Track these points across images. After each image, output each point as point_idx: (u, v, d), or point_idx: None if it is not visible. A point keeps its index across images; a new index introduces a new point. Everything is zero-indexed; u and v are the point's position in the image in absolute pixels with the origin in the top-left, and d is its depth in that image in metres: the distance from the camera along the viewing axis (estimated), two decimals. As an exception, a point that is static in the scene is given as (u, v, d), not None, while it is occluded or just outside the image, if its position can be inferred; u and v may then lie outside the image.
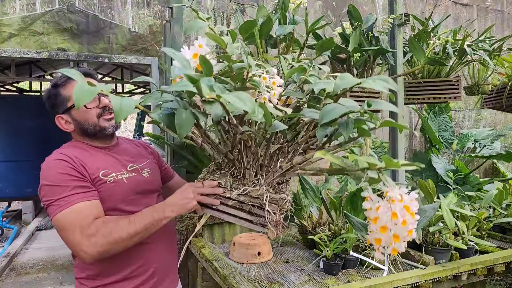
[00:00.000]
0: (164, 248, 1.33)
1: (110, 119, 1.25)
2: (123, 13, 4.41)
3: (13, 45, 3.49)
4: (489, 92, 2.61)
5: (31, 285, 3.65)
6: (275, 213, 1.03)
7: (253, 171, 1.09)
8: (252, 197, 1.05)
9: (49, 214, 1.10)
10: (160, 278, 1.30)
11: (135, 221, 1.09)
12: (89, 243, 1.04)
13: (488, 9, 5.13)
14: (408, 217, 0.84)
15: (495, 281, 3.28)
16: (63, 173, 1.11)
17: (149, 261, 1.25)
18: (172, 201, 1.12)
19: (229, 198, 1.08)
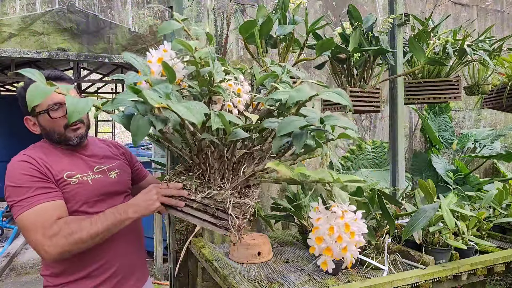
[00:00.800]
0: (128, 247, 1.34)
1: (76, 129, 1.25)
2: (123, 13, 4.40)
3: (13, 45, 3.49)
4: (489, 92, 2.61)
5: (31, 285, 3.65)
6: (238, 217, 1.04)
7: (218, 175, 1.10)
8: (216, 201, 1.06)
9: (13, 215, 1.11)
10: (124, 277, 1.30)
11: (96, 222, 1.10)
12: (51, 243, 1.05)
13: (488, 9, 5.13)
14: (345, 236, 0.86)
15: (495, 281, 3.28)
16: (26, 174, 1.13)
17: (111, 260, 1.26)
18: (135, 202, 1.12)
19: (194, 200, 1.09)
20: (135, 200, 1.13)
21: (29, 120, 1.25)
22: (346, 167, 4.30)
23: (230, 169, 1.11)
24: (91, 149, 1.35)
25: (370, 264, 1.63)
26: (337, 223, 0.87)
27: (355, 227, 0.87)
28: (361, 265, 1.67)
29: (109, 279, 1.26)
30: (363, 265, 1.66)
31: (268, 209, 2.61)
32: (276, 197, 2.57)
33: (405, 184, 2.41)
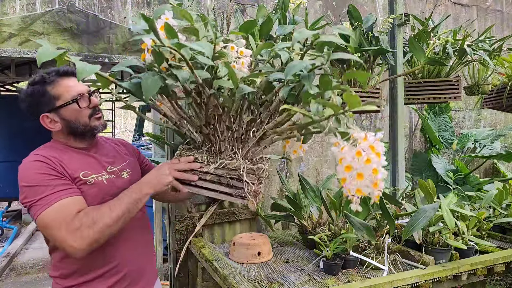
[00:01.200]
0: (139, 249, 1.33)
1: (99, 118, 1.26)
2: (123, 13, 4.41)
3: (13, 45, 3.49)
4: (489, 92, 2.61)
5: (31, 285, 3.65)
6: (253, 183, 1.04)
7: (229, 145, 1.10)
8: (229, 170, 1.06)
9: (32, 215, 1.09)
10: (134, 280, 1.29)
11: (115, 206, 1.09)
12: (76, 237, 1.04)
13: (488, 9, 5.13)
14: (373, 156, 0.87)
15: (495, 281, 3.28)
16: (42, 173, 1.11)
17: (122, 262, 1.25)
18: (148, 179, 1.13)
19: (207, 172, 1.08)
20: (147, 177, 1.13)
21: (46, 118, 1.21)
22: (346, 167, 4.29)
23: (239, 136, 1.10)
24: (100, 148, 1.34)
25: (370, 264, 1.63)
26: (362, 146, 0.88)
27: (380, 148, 0.88)
28: (361, 265, 1.67)
29: (119, 282, 1.24)
30: (363, 265, 1.66)
31: (268, 209, 2.61)
32: (276, 197, 2.57)
33: (405, 184, 2.41)
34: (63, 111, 1.20)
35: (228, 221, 2.35)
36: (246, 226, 2.41)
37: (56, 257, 1.23)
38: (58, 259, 1.22)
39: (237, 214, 2.36)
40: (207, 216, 2.23)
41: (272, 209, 2.24)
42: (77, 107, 1.20)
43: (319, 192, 2.06)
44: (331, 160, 4.90)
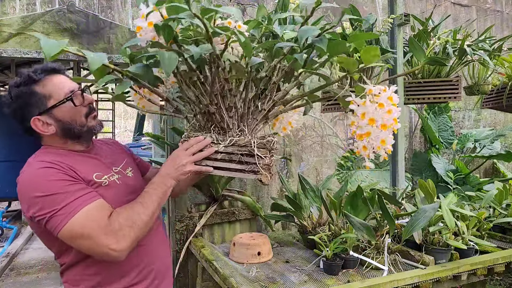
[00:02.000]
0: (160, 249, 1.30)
1: (95, 117, 1.18)
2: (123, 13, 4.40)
3: (13, 45, 3.49)
4: (489, 92, 2.61)
5: (31, 285, 3.64)
6: (265, 156, 1.04)
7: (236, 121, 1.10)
8: (240, 146, 1.06)
9: (54, 228, 0.98)
10: (160, 279, 1.26)
11: (146, 203, 1.06)
12: (117, 239, 0.98)
13: (488, 10, 5.13)
14: (393, 107, 0.96)
15: (495, 281, 3.28)
16: (56, 179, 1.01)
17: (149, 264, 1.21)
18: (168, 171, 1.09)
19: (217, 151, 1.08)
20: (166, 169, 1.09)
21: (37, 121, 1.09)
22: (346, 167, 4.30)
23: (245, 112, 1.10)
24: (99, 149, 1.26)
25: (370, 264, 1.63)
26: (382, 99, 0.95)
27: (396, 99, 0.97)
28: (361, 265, 1.67)
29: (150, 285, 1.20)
30: (363, 265, 1.66)
31: (268, 209, 2.61)
32: (276, 197, 2.57)
33: (405, 184, 2.41)
34: (57, 112, 1.09)
35: (228, 221, 2.35)
36: (246, 226, 2.41)
37: (74, 272, 1.13)
38: (77, 273, 1.12)
39: (237, 214, 2.36)
40: (207, 216, 2.23)
41: (272, 209, 2.24)
42: (72, 106, 1.09)
43: (319, 192, 2.06)
44: (331, 160, 4.90)
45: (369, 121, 0.97)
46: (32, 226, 1.09)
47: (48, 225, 0.99)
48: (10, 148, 5.16)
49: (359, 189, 1.84)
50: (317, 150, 4.85)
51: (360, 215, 1.83)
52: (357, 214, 1.81)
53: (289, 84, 1.12)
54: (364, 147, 1.01)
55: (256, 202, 2.44)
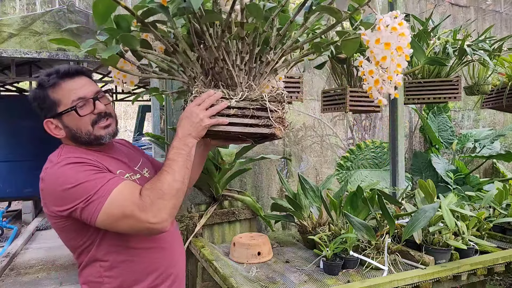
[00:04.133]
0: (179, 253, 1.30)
1: (106, 126, 1.13)
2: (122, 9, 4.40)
3: (13, 45, 3.49)
4: (489, 92, 2.61)
5: (31, 285, 3.65)
6: (277, 109, 1.04)
7: (245, 76, 1.10)
8: (251, 101, 1.05)
9: (91, 215, 0.98)
10: (179, 282, 1.26)
11: (174, 169, 1.03)
12: (153, 213, 0.98)
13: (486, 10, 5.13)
14: (406, 30, 0.99)
15: (495, 281, 3.28)
16: (84, 170, 1.02)
17: (169, 267, 1.20)
18: (186, 131, 1.05)
19: (230, 107, 1.06)
20: (183, 130, 1.05)
21: (50, 123, 1.10)
22: (345, 167, 4.30)
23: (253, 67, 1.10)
24: (115, 150, 1.25)
25: (370, 264, 1.63)
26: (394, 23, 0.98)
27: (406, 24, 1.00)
28: (361, 265, 1.67)
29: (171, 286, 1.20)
30: (363, 265, 1.66)
31: (268, 209, 2.61)
32: (276, 197, 2.57)
33: (405, 184, 2.41)
34: (65, 118, 1.09)
35: (228, 221, 2.35)
36: (246, 226, 2.41)
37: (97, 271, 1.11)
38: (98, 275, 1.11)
39: (237, 214, 2.36)
40: (207, 216, 2.23)
41: (272, 209, 2.24)
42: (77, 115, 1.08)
43: (319, 192, 2.06)
44: (331, 160, 4.90)
45: (384, 45, 0.98)
46: (56, 224, 1.08)
47: (84, 214, 0.99)
48: (10, 148, 5.16)
49: (359, 189, 1.84)
50: (317, 150, 4.85)
51: (360, 215, 1.83)
52: (357, 214, 1.81)
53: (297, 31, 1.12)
54: (376, 81, 1.02)
55: (256, 202, 2.44)
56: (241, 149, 2.32)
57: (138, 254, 1.13)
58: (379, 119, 5.00)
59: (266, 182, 2.99)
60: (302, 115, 4.78)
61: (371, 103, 2.19)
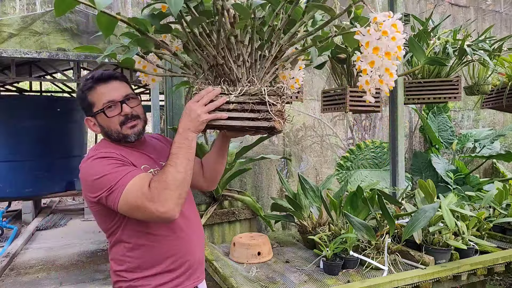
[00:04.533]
0: (198, 244, 1.37)
1: (132, 127, 1.26)
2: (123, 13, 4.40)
3: (13, 45, 3.49)
4: (489, 92, 2.61)
5: (31, 285, 3.65)
6: (277, 103, 1.05)
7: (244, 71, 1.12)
8: (250, 95, 1.08)
9: (113, 203, 1.12)
10: (194, 269, 1.34)
11: (175, 162, 1.11)
12: (161, 203, 1.08)
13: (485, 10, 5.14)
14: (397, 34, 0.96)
15: (495, 281, 3.28)
16: (109, 164, 1.17)
17: (186, 254, 1.30)
18: (185, 125, 1.13)
19: (229, 102, 1.10)
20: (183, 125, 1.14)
21: (89, 121, 1.28)
22: (345, 167, 4.30)
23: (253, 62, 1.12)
24: (147, 145, 1.37)
25: (370, 264, 1.63)
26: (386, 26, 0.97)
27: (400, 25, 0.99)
28: (361, 265, 1.67)
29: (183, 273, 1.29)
30: (363, 265, 1.66)
31: (268, 209, 2.61)
32: (276, 197, 2.57)
33: (405, 184, 2.41)
34: (98, 118, 1.25)
35: (228, 221, 2.35)
36: (246, 226, 2.42)
37: (121, 252, 1.26)
38: (123, 254, 1.25)
39: (237, 214, 2.36)
40: (207, 216, 2.23)
41: (272, 209, 2.24)
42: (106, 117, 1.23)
43: (319, 192, 2.06)
44: (331, 160, 4.90)
45: (373, 50, 0.98)
46: (91, 208, 1.24)
47: (108, 202, 1.13)
48: (10, 149, 5.15)
49: (359, 189, 1.84)
50: (317, 150, 4.85)
51: (360, 215, 1.83)
52: (357, 214, 1.81)
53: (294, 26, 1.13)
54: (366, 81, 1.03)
55: (256, 202, 2.44)
56: (241, 149, 2.32)
57: (156, 240, 1.24)
58: (379, 119, 5.00)
59: (266, 182, 2.99)
60: (302, 115, 4.78)
61: (371, 103, 2.19)
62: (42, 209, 6.65)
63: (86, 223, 5.94)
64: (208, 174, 1.44)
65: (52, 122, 5.34)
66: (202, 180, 1.46)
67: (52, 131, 5.33)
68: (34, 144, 5.21)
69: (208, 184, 1.47)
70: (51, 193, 5.49)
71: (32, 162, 5.13)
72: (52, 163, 5.31)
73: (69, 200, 7.86)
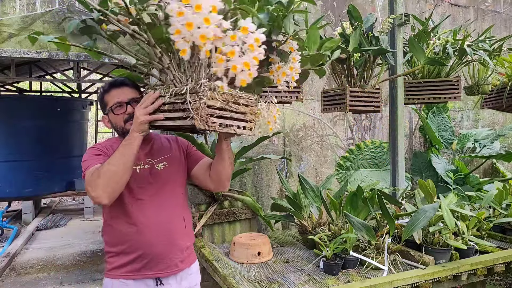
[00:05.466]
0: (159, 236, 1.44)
1: None
2: None
3: (13, 45, 3.49)
4: (489, 92, 2.61)
5: (31, 285, 3.64)
6: (195, 101, 1.09)
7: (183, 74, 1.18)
8: (180, 95, 1.13)
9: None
10: (153, 261, 1.44)
11: (114, 155, 1.30)
12: (92, 188, 1.28)
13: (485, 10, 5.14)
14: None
15: (495, 281, 3.28)
16: (91, 152, 1.44)
17: (139, 243, 1.43)
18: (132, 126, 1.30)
19: (165, 103, 1.18)
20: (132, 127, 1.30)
21: (104, 118, 1.51)
22: (345, 167, 4.30)
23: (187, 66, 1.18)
24: (148, 143, 1.54)
25: (370, 264, 1.63)
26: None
27: None
28: (361, 265, 1.67)
29: (138, 259, 1.43)
30: (363, 265, 1.66)
31: (268, 209, 2.61)
32: (276, 197, 2.57)
33: (405, 184, 2.41)
34: (110, 115, 1.48)
35: (228, 221, 2.35)
36: (246, 226, 2.41)
37: (104, 226, 1.51)
38: (104, 228, 1.50)
39: (237, 214, 2.36)
40: (207, 216, 2.23)
41: (272, 209, 2.24)
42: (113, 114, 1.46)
43: (319, 192, 2.06)
44: (331, 160, 4.90)
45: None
46: None
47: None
48: (10, 148, 5.15)
49: (359, 189, 1.84)
50: (317, 150, 4.85)
51: (360, 215, 1.83)
52: (357, 214, 1.81)
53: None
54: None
55: (256, 202, 2.44)
56: (241, 149, 2.32)
57: (117, 223, 1.44)
58: (379, 119, 5.00)
59: (266, 182, 3.00)
60: (302, 115, 4.78)
61: (371, 103, 2.19)
62: (42, 209, 6.64)
63: (86, 223, 5.94)
64: (213, 175, 1.51)
65: (52, 122, 5.33)
66: (209, 181, 1.54)
67: (52, 131, 5.32)
68: (34, 144, 5.20)
69: (215, 185, 1.53)
70: (51, 193, 5.47)
71: (32, 162, 5.12)
72: (52, 163, 5.31)
73: (69, 200, 7.86)
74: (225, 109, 1.13)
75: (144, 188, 1.44)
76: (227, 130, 1.16)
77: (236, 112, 1.17)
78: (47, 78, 6.05)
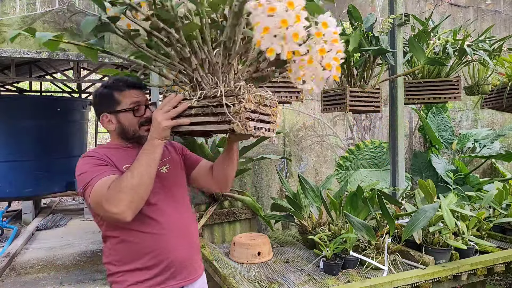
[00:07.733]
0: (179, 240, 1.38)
1: (147, 130, 1.32)
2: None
3: (13, 45, 3.49)
4: (489, 92, 2.61)
5: (31, 285, 3.64)
6: (234, 104, 1.04)
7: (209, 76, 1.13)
8: (210, 98, 1.08)
9: (88, 198, 1.21)
10: (178, 269, 1.35)
11: (134, 166, 1.19)
12: (114, 204, 1.15)
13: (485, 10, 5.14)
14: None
15: (495, 281, 3.28)
16: (89, 163, 1.28)
17: (164, 252, 1.33)
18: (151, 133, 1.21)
19: (191, 107, 1.11)
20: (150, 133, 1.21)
21: (105, 117, 1.37)
22: (345, 167, 4.30)
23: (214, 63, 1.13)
24: None
25: (370, 264, 1.63)
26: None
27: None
28: (361, 265, 1.67)
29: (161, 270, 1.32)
30: (363, 265, 1.66)
31: (268, 209, 2.61)
32: (276, 197, 2.57)
33: (405, 184, 2.41)
34: (121, 115, 1.36)
35: (228, 221, 2.35)
36: (246, 226, 2.42)
37: (108, 245, 1.35)
38: (109, 247, 1.35)
39: (237, 214, 2.36)
40: (207, 216, 2.23)
41: (272, 209, 2.24)
42: (132, 115, 1.36)
43: (319, 192, 2.06)
44: (331, 160, 4.90)
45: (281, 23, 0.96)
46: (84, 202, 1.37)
47: (85, 197, 1.23)
48: (10, 149, 5.15)
49: (359, 189, 1.84)
50: (317, 150, 4.85)
51: (360, 215, 1.83)
52: (357, 214, 1.81)
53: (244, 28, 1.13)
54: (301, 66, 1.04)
55: (256, 202, 2.44)
56: (241, 149, 2.32)
57: (134, 236, 1.30)
58: (379, 119, 5.00)
59: (266, 182, 3.00)
60: (302, 115, 4.78)
61: (371, 103, 2.19)
62: (42, 209, 6.65)
63: (86, 223, 5.94)
64: (218, 176, 1.48)
65: (52, 122, 5.33)
66: (212, 182, 1.50)
67: (52, 131, 5.32)
68: (34, 144, 5.20)
69: (219, 186, 1.50)
70: (51, 193, 5.48)
71: (32, 162, 5.12)
72: (52, 163, 5.31)
73: (69, 200, 7.86)
74: (256, 111, 1.09)
75: (156, 193, 1.33)
76: (259, 133, 1.10)
77: (264, 114, 1.12)
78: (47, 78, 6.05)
